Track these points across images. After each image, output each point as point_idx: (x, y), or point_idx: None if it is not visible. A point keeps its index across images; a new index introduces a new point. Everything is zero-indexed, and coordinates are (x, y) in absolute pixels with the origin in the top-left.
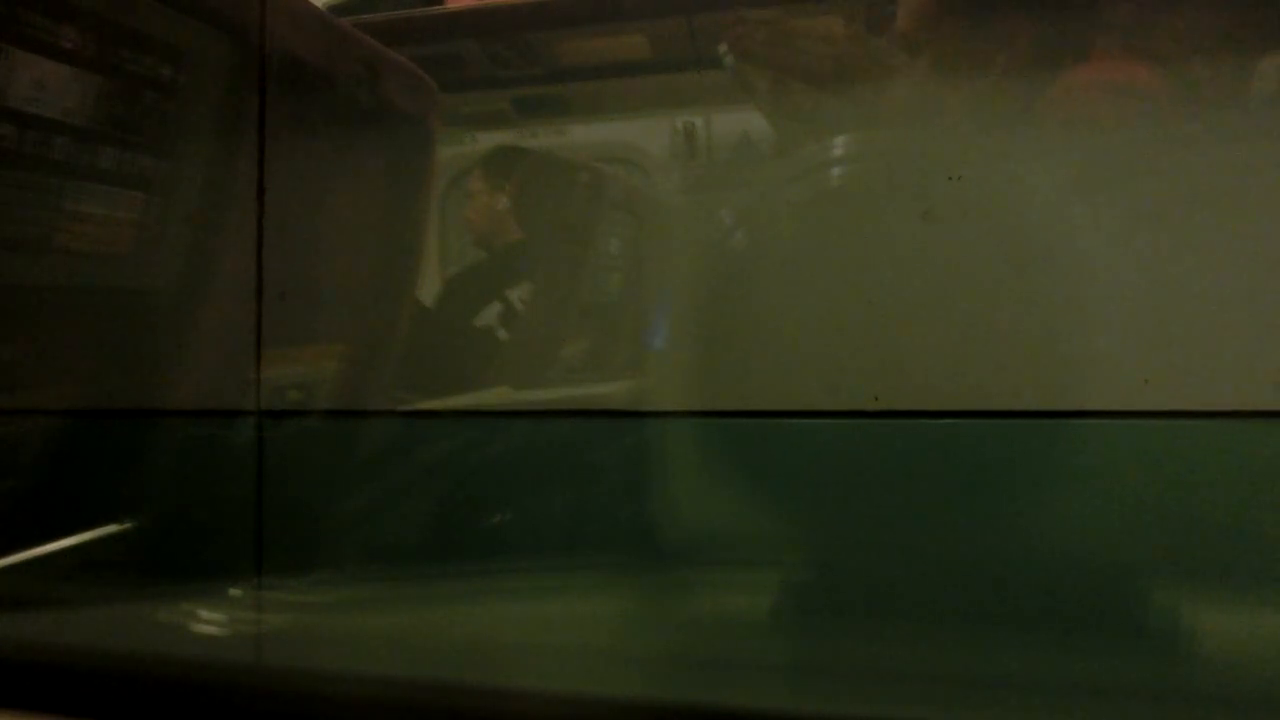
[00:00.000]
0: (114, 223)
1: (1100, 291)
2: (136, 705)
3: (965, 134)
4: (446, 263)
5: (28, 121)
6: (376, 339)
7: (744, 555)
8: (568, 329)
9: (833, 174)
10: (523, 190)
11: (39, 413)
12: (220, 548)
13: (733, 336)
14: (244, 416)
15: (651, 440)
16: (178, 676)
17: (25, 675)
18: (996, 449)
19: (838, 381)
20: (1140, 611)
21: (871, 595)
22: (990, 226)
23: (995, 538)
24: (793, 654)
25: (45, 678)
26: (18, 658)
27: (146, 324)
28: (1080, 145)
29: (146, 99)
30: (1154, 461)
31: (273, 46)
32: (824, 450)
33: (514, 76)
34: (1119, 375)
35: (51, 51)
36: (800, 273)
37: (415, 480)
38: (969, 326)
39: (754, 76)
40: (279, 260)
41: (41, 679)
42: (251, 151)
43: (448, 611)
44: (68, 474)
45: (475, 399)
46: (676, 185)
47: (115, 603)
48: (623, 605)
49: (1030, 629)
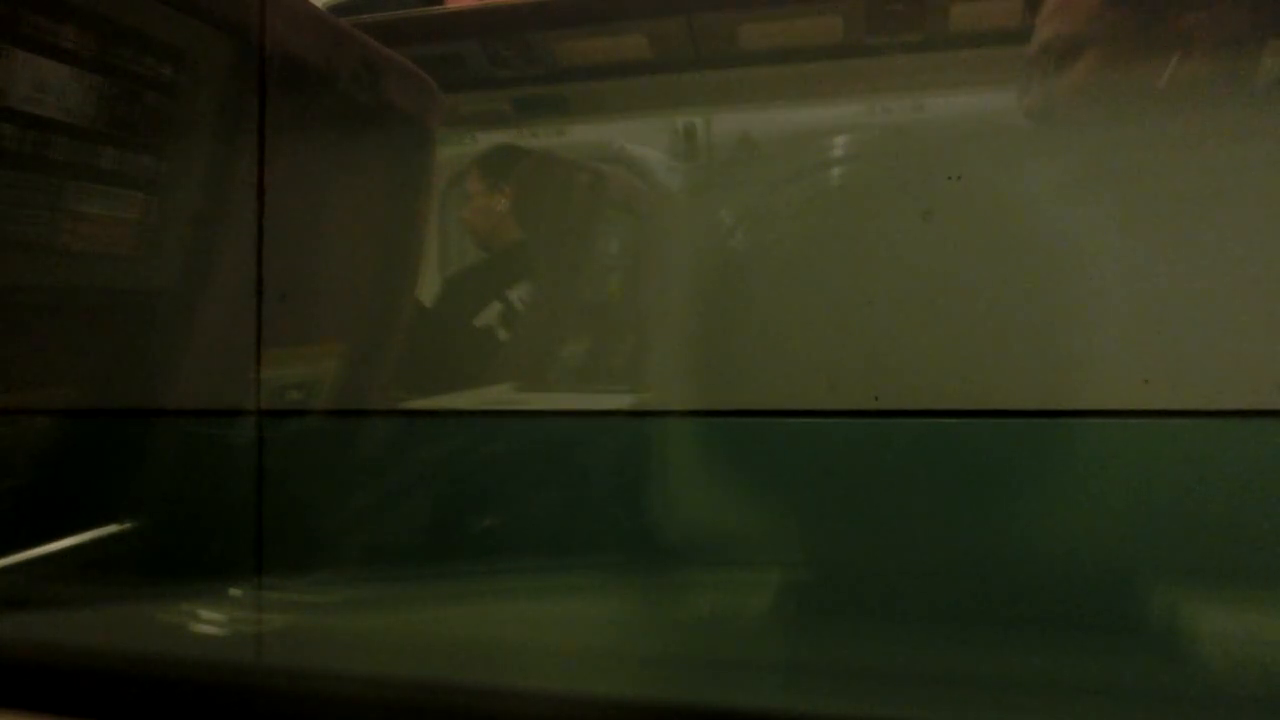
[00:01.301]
0: (114, 223)
1: (1101, 290)
2: (136, 705)
3: (965, 134)
4: (446, 262)
5: (28, 121)
6: (376, 339)
7: (744, 555)
8: (567, 329)
9: (833, 174)
10: (522, 190)
11: (40, 412)
12: (220, 547)
13: (733, 336)
14: (244, 416)
15: (652, 440)
16: (178, 676)
17: (26, 675)
18: (997, 448)
19: (838, 380)
20: (1142, 611)
21: (871, 595)
22: (990, 226)
23: (995, 537)
24: (793, 654)
25: (46, 678)
26: (19, 657)
27: (147, 324)
28: (1080, 144)
29: (147, 99)
30: (1155, 461)
31: (273, 47)
32: (824, 449)
33: (514, 76)
34: (1119, 374)
35: (52, 52)
36: (800, 272)
37: (415, 480)
38: (970, 326)
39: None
40: (279, 260)
41: (42, 679)
42: (251, 152)
43: (447, 611)
44: (68, 474)
45: (475, 399)
46: (676, 185)
47: (115, 602)
48: (623, 605)
49: (1030, 628)
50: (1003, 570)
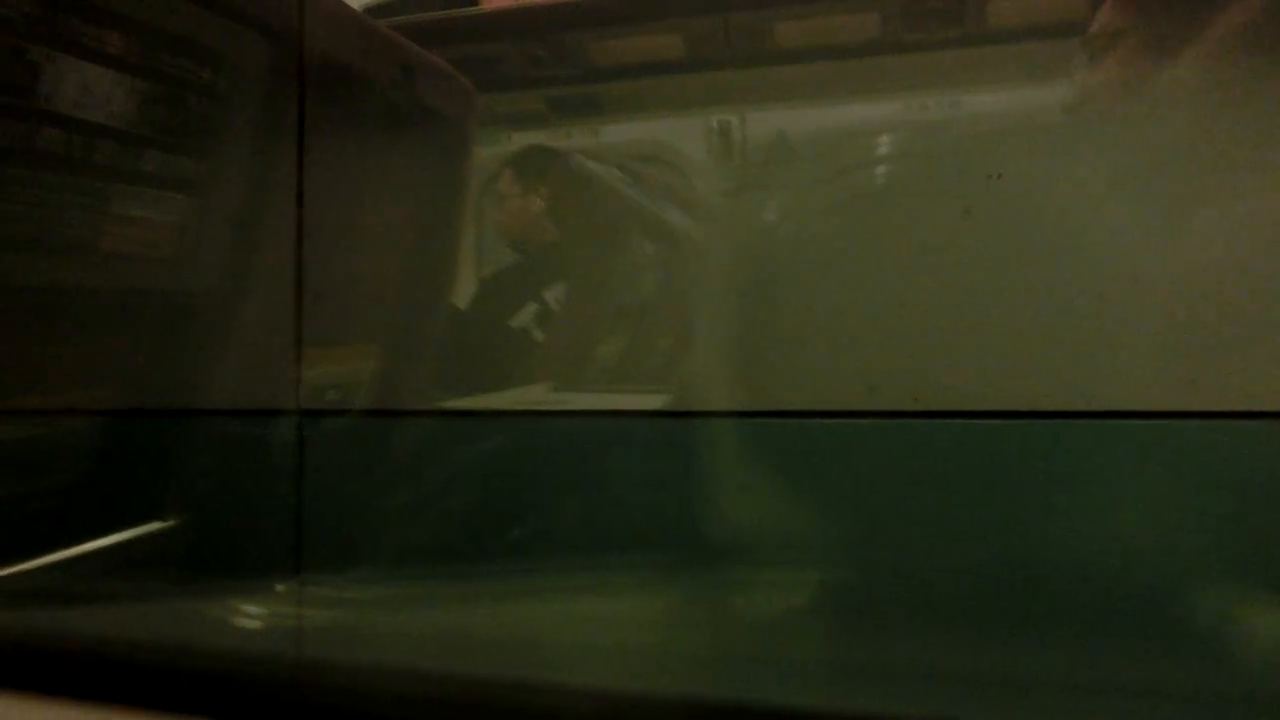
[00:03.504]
0: (156, 225)
1: (1144, 290)
2: (178, 695)
3: (1005, 131)
4: (482, 263)
5: (74, 126)
6: (414, 339)
7: (781, 556)
8: (604, 329)
9: (870, 173)
10: (558, 190)
11: (85, 412)
12: (260, 544)
13: (770, 336)
14: (283, 416)
15: (687, 441)
16: (220, 669)
17: (74, 666)
18: (1037, 450)
19: (877, 382)
20: (1185, 614)
21: (909, 596)
22: (1031, 225)
23: (1036, 539)
24: (830, 653)
25: (94, 668)
26: (68, 649)
27: (188, 325)
28: (1122, 141)
29: (188, 102)
30: (1200, 463)
31: (312, 49)
32: (862, 451)
33: (550, 76)
34: (1164, 375)
35: (96, 57)
36: (837, 272)
37: (452, 479)
38: (1010, 326)
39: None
40: (318, 261)
41: (90, 670)
42: (291, 153)
43: (482, 608)
44: (112, 472)
45: (512, 398)
46: (711, 185)
47: (159, 597)
48: (660, 604)
49: (1071, 631)
50: (1043, 572)
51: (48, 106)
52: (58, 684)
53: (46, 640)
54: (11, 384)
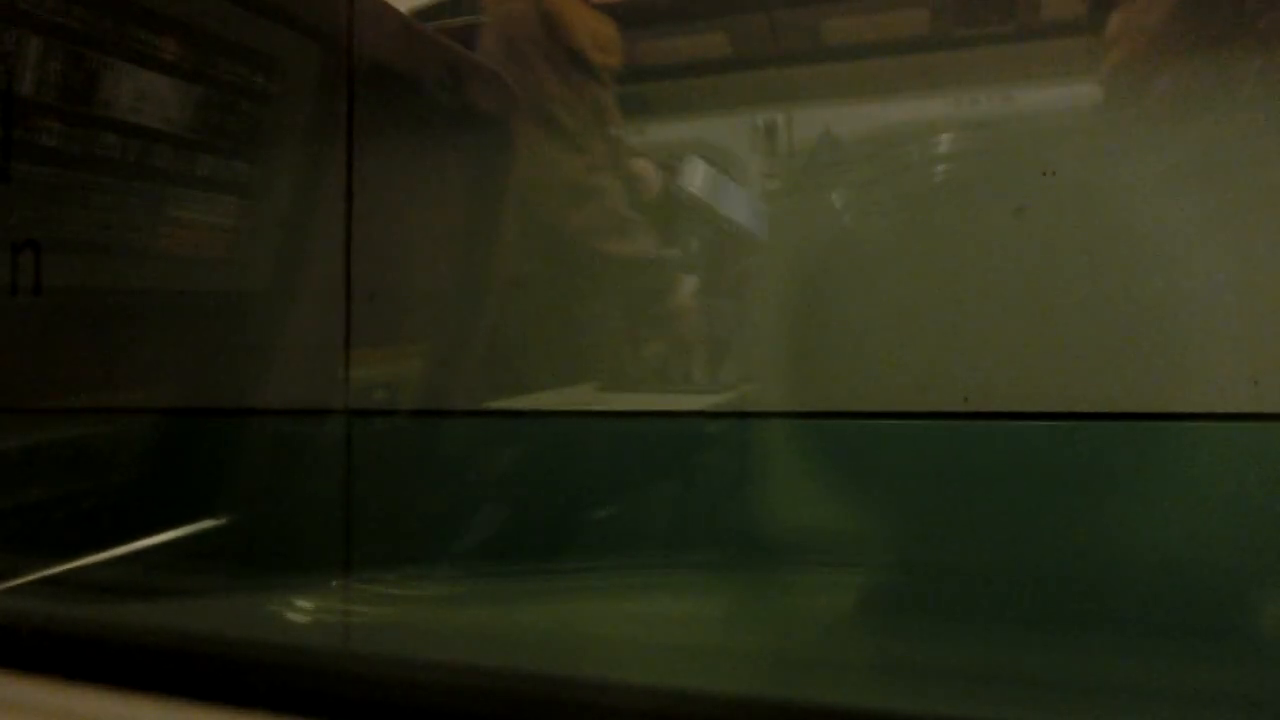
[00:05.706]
0: (209, 228)
1: (1203, 288)
2: (227, 686)
3: (1059, 127)
4: (528, 263)
5: (130, 131)
6: (462, 339)
7: (833, 556)
8: (653, 330)
9: (922, 170)
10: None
11: (140, 411)
12: (309, 541)
13: (822, 337)
14: (333, 415)
15: (738, 441)
16: (270, 661)
17: (130, 657)
18: (1091, 452)
19: (928, 382)
20: (1247, 617)
21: (959, 597)
22: (1086, 222)
23: (1089, 541)
24: (884, 653)
25: (147, 659)
26: (125, 641)
27: (240, 326)
28: (1176, 138)
29: (241, 107)
30: (1263, 466)
31: (360, 53)
32: (914, 451)
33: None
34: (1225, 376)
35: (151, 63)
36: (889, 271)
37: (499, 478)
38: (1064, 326)
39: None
40: (367, 262)
41: (144, 660)
42: (340, 156)
43: (528, 605)
44: (166, 470)
45: (560, 399)
46: (762, 185)
47: (212, 592)
48: (712, 603)
49: (1128, 634)
50: (1099, 575)
51: (106, 113)
52: (115, 674)
53: (107, 631)
54: (74, 384)
